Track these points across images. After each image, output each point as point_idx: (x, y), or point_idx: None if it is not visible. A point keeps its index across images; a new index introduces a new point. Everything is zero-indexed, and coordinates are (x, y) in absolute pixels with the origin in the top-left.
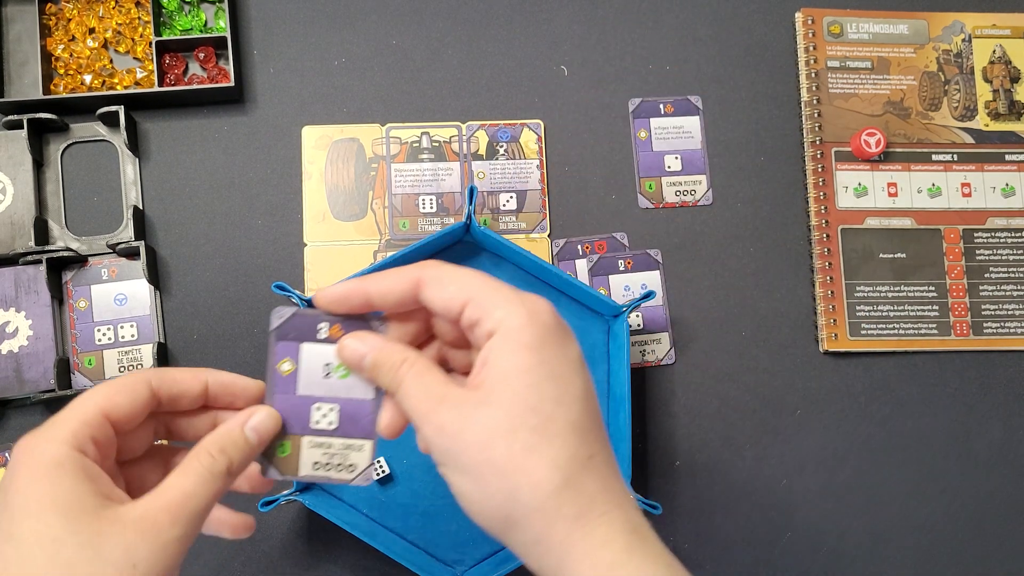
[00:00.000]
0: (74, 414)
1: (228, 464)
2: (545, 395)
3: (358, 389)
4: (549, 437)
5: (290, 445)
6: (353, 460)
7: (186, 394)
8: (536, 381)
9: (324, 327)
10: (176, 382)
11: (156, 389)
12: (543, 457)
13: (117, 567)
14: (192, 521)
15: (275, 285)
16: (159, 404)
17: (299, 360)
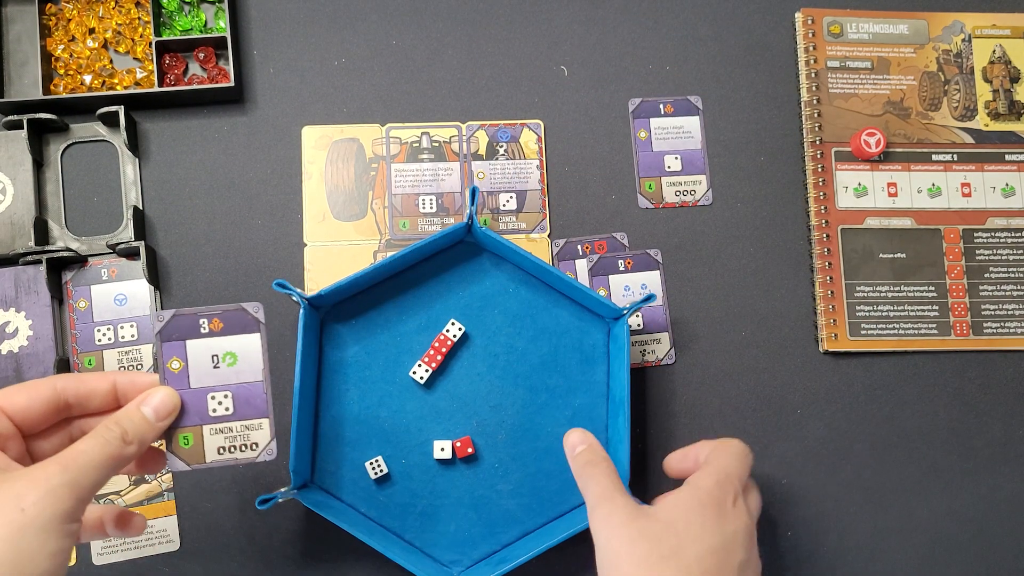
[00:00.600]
0: None
1: (122, 432)
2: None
3: (247, 373)
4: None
5: (192, 436)
6: (255, 439)
7: (95, 393)
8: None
9: (204, 322)
10: (82, 382)
11: (61, 390)
12: None
13: (5, 511)
14: (82, 471)
15: (276, 283)
16: (68, 406)
17: (187, 356)
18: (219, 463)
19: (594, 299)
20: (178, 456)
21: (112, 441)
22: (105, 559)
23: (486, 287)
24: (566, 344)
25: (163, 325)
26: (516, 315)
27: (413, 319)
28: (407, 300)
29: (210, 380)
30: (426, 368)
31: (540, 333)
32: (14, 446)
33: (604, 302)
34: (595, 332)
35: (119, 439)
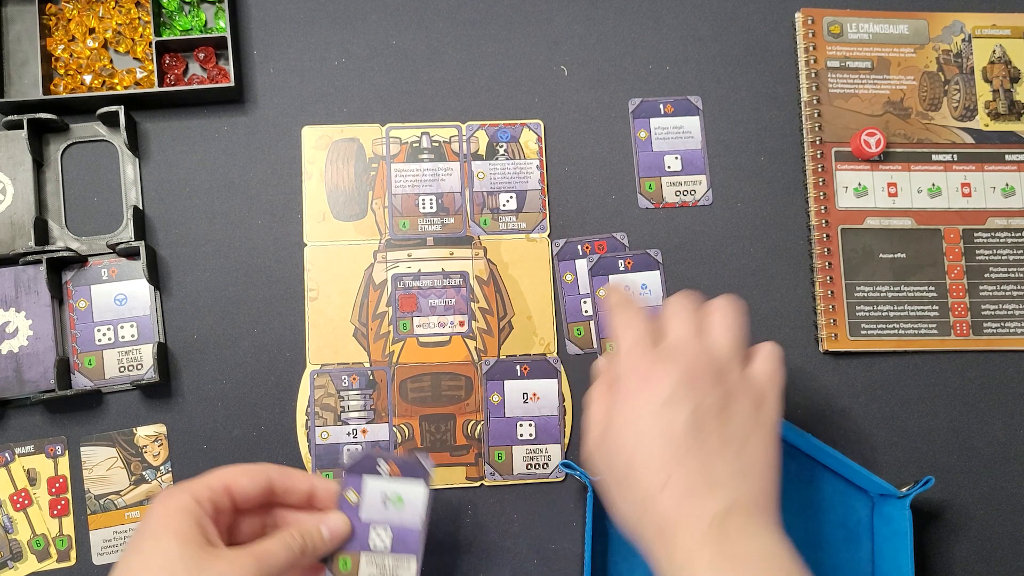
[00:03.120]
0: (204, 480)
1: (303, 545)
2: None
3: (408, 518)
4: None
5: (351, 561)
6: (401, 574)
7: (296, 491)
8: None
9: (384, 464)
10: (289, 478)
11: (274, 480)
12: None
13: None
14: (268, 569)
15: (562, 463)
16: (274, 494)
17: (363, 491)
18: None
19: (859, 474)
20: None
21: (294, 549)
22: (105, 559)
23: None
24: (831, 520)
25: (352, 463)
26: (781, 488)
27: None
28: None
29: (377, 515)
30: None
31: (805, 507)
32: (224, 520)
33: (870, 477)
34: (860, 508)
35: (300, 549)
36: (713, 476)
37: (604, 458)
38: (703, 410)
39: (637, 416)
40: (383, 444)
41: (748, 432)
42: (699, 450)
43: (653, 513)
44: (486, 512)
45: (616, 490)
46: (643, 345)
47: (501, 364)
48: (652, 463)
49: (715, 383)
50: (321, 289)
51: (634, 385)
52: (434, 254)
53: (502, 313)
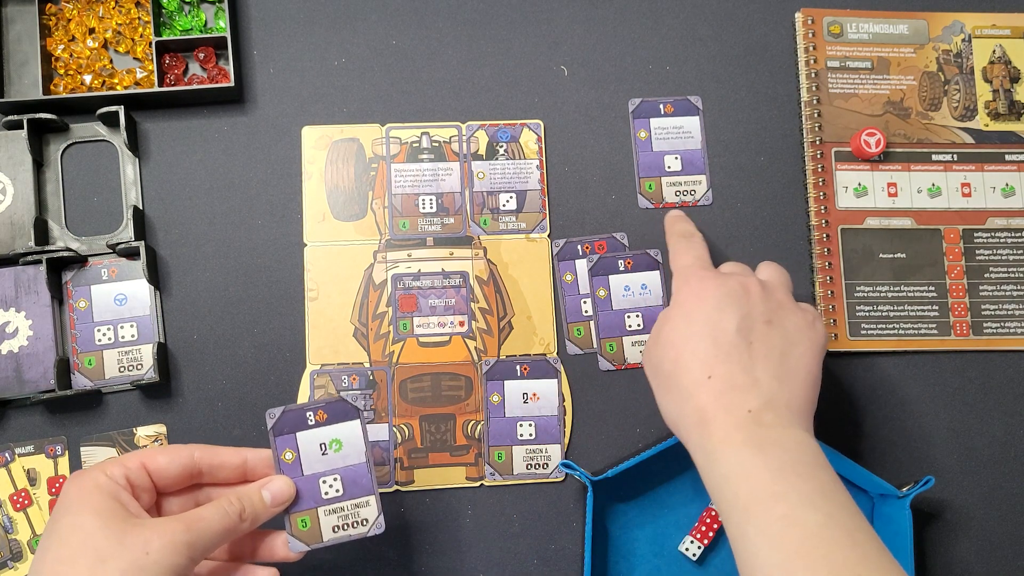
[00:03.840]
0: (119, 459)
1: (240, 509)
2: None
3: (352, 456)
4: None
5: (309, 519)
6: (364, 515)
7: (225, 465)
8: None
9: (311, 415)
10: (216, 454)
11: (198, 459)
12: None
13: (133, 551)
14: (201, 534)
15: (561, 463)
16: (200, 473)
17: (298, 447)
18: (334, 540)
19: (860, 474)
20: (298, 538)
21: (231, 514)
22: None
23: None
24: None
25: (275, 421)
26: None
27: (680, 491)
28: (672, 469)
29: (320, 466)
30: (698, 544)
31: None
32: (146, 499)
33: (870, 477)
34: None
35: (237, 514)
36: (754, 376)
37: (654, 357)
38: (751, 319)
39: (689, 320)
40: (382, 444)
41: (792, 344)
42: (743, 353)
43: (695, 403)
44: (486, 512)
45: (663, 386)
46: (700, 264)
47: (501, 364)
48: (698, 359)
49: (764, 299)
50: (321, 289)
51: (688, 294)
52: (434, 254)
53: (502, 313)
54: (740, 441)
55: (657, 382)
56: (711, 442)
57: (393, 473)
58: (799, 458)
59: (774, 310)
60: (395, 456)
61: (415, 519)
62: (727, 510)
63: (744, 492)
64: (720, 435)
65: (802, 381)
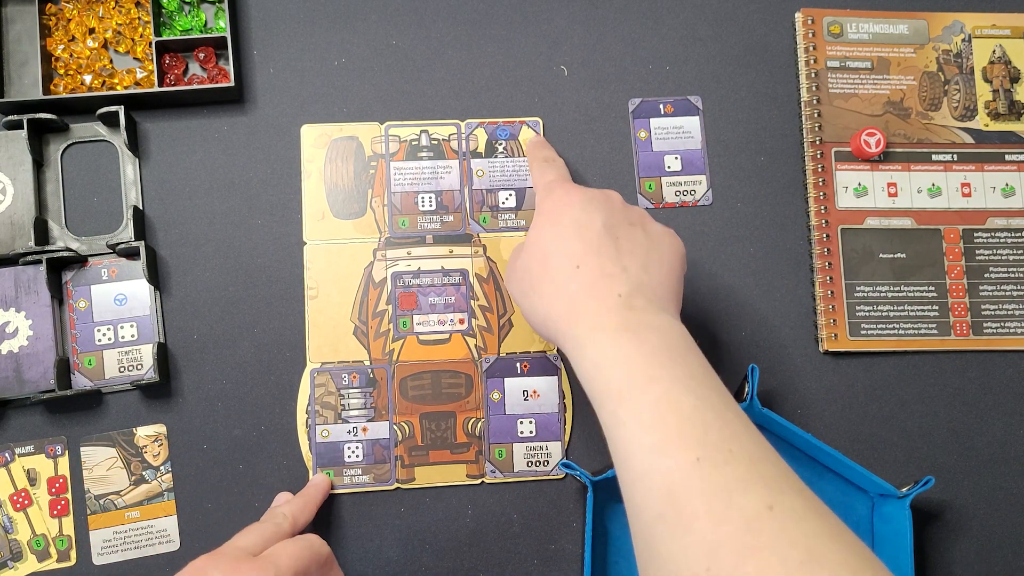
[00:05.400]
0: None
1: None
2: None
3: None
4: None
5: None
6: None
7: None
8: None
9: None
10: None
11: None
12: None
13: None
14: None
15: (562, 463)
16: None
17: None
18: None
19: (860, 474)
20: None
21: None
22: (105, 559)
23: None
24: None
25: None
26: None
27: None
28: None
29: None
30: None
31: None
32: None
33: (870, 477)
34: (859, 508)
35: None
36: (622, 264)
37: (520, 265)
38: (616, 218)
39: (555, 222)
40: (383, 442)
41: (655, 244)
42: (610, 246)
43: (564, 294)
44: (486, 511)
45: (530, 289)
46: (562, 178)
47: (501, 362)
48: (567, 254)
49: (626, 207)
50: (321, 287)
51: (554, 202)
52: (434, 252)
53: (502, 311)
54: (612, 326)
55: (523, 287)
56: (581, 329)
57: (394, 471)
58: (670, 343)
59: (636, 217)
60: (396, 454)
61: (415, 518)
62: (600, 397)
63: (617, 377)
64: (591, 322)
65: (667, 273)
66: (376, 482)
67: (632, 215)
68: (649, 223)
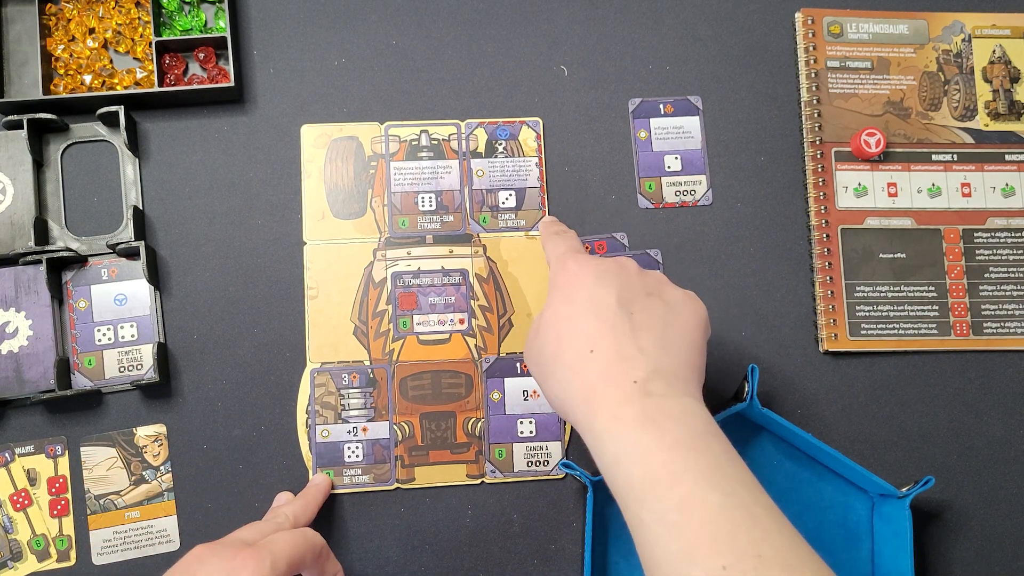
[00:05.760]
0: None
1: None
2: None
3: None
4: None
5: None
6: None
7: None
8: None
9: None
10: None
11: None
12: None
13: None
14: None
15: (562, 463)
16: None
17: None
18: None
19: (860, 474)
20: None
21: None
22: (105, 559)
23: (752, 457)
24: (830, 520)
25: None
26: (781, 488)
27: None
28: None
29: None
30: None
31: (805, 508)
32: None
33: (870, 477)
34: (859, 508)
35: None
36: (638, 345)
37: (536, 344)
38: (632, 291)
39: (569, 300)
40: (383, 442)
41: (675, 315)
42: (625, 324)
43: (580, 380)
44: (486, 511)
45: (546, 371)
46: (574, 250)
47: (501, 361)
48: (581, 335)
49: (642, 275)
50: (321, 287)
51: (567, 276)
52: (434, 252)
53: (502, 311)
54: (630, 418)
55: (540, 369)
56: (599, 421)
57: (394, 471)
58: (692, 430)
59: (653, 285)
60: (396, 454)
61: (415, 518)
62: (622, 495)
63: (637, 475)
64: (607, 412)
65: (687, 349)
66: (376, 482)
67: (649, 283)
68: (667, 289)
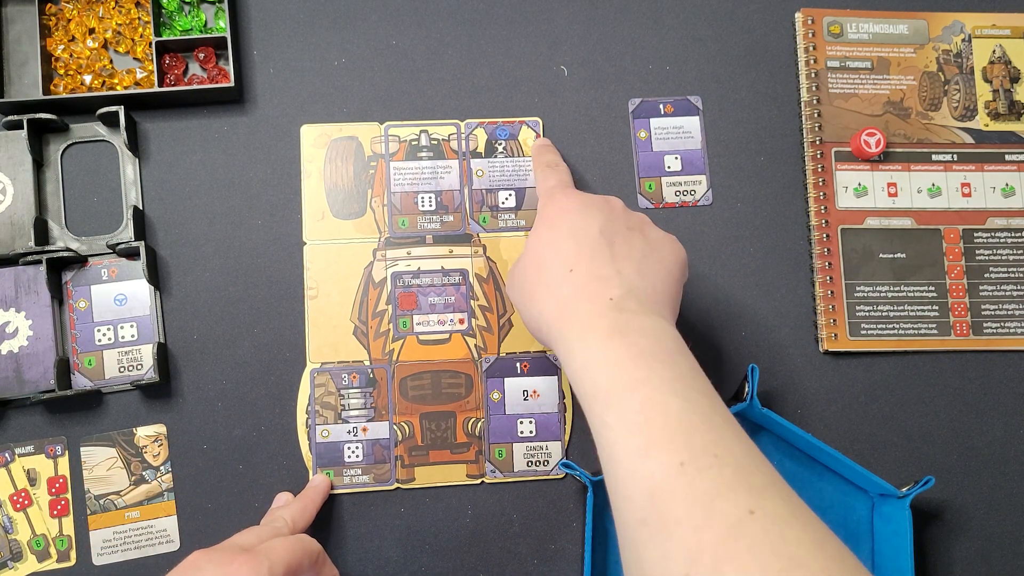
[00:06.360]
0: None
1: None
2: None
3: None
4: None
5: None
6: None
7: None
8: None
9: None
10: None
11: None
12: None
13: None
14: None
15: (562, 463)
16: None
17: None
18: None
19: (860, 474)
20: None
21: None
22: (105, 559)
23: None
24: (831, 520)
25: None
26: None
27: None
28: None
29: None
30: None
31: None
32: None
33: (870, 477)
34: (859, 507)
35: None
36: (616, 267)
37: (518, 270)
38: (614, 223)
39: (552, 227)
40: (383, 442)
41: (654, 249)
42: (605, 251)
43: (556, 296)
44: (486, 511)
45: (526, 293)
46: (564, 184)
47: (501, 361)
48: (560, 257)
49: (627, 213)
50: (321, 287)
51: (553, 207)
52: (433, 252)
53: (502, 311)
54: (602, 329)
55: (520, 292)
56: (571, 331)
57: (394, 471)
58: (660, 344)
59: (636, 222)
60: (396, 454)
61: (415, 518)
62: (587, 400)
63: (604, 380)
64: (581, 324)
65: (663, 278)
66: (376, 482)
67: (632, 220)
68: (650, 228)
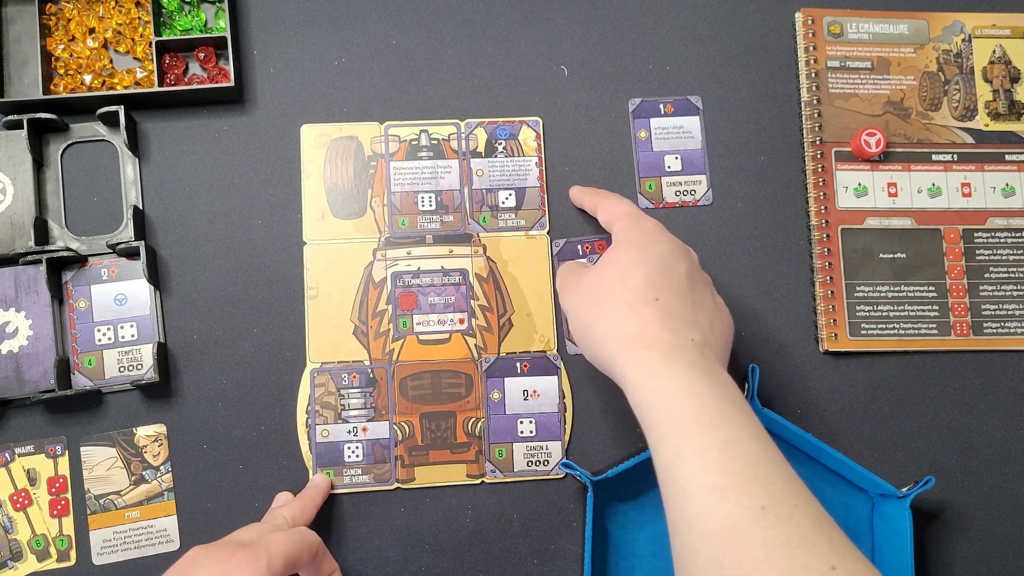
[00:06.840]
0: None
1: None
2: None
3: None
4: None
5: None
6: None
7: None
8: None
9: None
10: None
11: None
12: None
13: None
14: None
15: (562, 463)
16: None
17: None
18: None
19: (860, 474)
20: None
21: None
22: (105, 559)
23: None
24: None
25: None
26: None
27: None
28: None
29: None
30: None
31: None
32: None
33: (870, 477)
34: (860, 508)
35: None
36: (696, 316)
37: (594, 279)
38: (693, 272)
39: (643, 251)
40: (383, 442)
41: (718, 313)
42: (688, 294)
43: (641, 317)
44: (486, 511)
45: (598, 305)
46: (643, 213)
47: (501, 361)
48: (649, 282)
49: (700, 268)
50: (321, 287)
51: (643, 231)
52: (433, 252)
53: (502, 310)
54: (685, 361)
55: (587, 301)
56: (652, 355)
57: (394, 471)
58: (736, 393)
59: (708, 280)
60: (396, 454)
61: (415, 518)
62: (661, 428)
63: (685, 410)
64: (663, 352)
65: (725, 343)
66: (376, 482)
67: (705, 277)
68: (714, 291)
